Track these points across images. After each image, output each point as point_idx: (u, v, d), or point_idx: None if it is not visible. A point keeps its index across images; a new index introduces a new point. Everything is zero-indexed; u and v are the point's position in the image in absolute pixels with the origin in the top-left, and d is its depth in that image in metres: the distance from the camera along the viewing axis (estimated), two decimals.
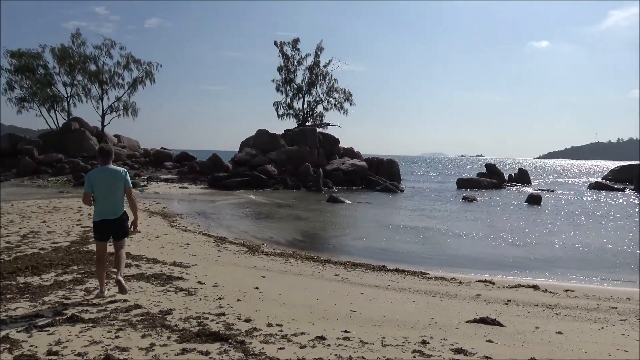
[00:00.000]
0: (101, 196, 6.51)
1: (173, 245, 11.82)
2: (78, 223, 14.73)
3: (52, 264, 8.29)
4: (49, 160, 41.79)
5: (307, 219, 21.01)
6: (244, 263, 10.31)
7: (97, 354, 4.33)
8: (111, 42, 50.52)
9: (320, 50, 49.64)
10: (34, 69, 48.83)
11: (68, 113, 50.64)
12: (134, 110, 51.79)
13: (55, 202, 21.72)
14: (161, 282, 7.43)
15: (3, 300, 6.10)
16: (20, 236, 12.49)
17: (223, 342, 4.79)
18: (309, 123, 49.95)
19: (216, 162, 41.49)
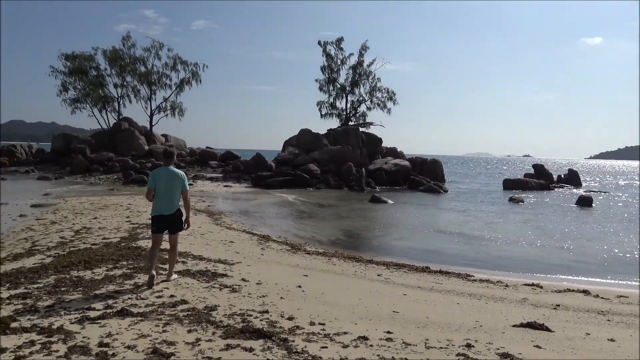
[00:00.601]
0: (160, 193, 7.20)
1: (217, 242, 12.03)
2: (127, 220, 15.20)
3: (103, 259, 8.59)
4: (100, 159, 43.31)
5: (349, 218, 20.98)
6: (286, 261, 10.39)
7: (145, 347, 4.46)
8: (159, 44, 51.98)
9: (364, 50, 49.50)
10: (86, 71, 50.76)
11: (118, 113, 52.41)
12: (180, 110, 53.08)
13: (106, 200, 22.50)
14: (206, 279, 7.58)
15: (58, 292, 6.36)
16: (73, 232, 13.01)
17: (266, 339, 4.85)
18: (351, 122, 49.89)
19: (260, 161, 41.98)
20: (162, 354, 4.30)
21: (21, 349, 4.34)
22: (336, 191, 34.79)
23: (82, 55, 50.57)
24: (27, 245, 11.24)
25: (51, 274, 7.51)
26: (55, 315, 5.36)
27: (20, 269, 8.05)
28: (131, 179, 35.62)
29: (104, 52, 50.86)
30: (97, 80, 50.83)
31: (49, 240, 11.74)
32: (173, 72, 52.20)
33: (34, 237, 12.51)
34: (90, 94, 50.18)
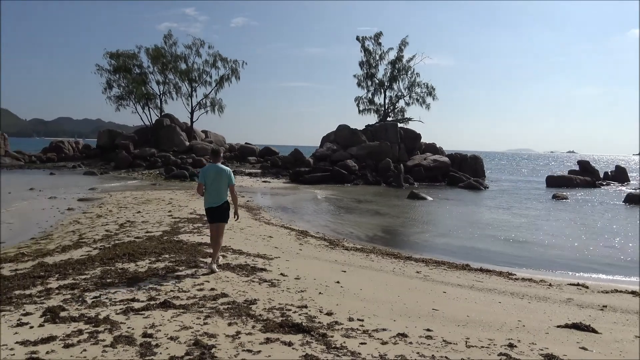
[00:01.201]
0: (210, 188, 7.98)
1: (257, 237, 12.16)
2: (169, 214, 15.54)
3: (146, 252, 8.80)
4: (143, 155, 44.44)
5: (387, 215, 20.84)
6: (324, 257, 10.41)
7: (187, 338, 4.55)
8: (200, 41, 52.84)
9: (404, 45, 48.97)
10: (130, 69, 52.09)
11: (160, 110, 53.58)
12: (220, 107, 53.84)
13: (149, 194, 23.07)
14: (246, 273, 7.67)
15: (104, 283, 6.56)
16: (118, 225, 13.39)
17: (305, 334, 4.87)
18: (390, 118, 49.52)
19: (297, 157, 42.19)
20: (203, 345, 4.37)
21: (70, 337, 4.50)
22: (374, 187, 34.61)
23: (125, 53, 51.94)
24: (75, 237, 11.63)
25: (97, 265, 7.76)
26: (101, 306, 5.53)
27: (68, 260, 8.35)
28: (172, 174, 36.40)
29: (146, 50, 52.11)
30: (140, 78, 52.10)
31: (95, 233, 12.12)
32: (213, 69, 53.03)
33: (81, 229, 12.94)
34: (134, 91, 51.49)
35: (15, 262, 8.56)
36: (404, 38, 49.20)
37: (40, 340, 4.39)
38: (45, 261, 8.39)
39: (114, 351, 4.20)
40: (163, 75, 52.79)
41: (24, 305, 5.56)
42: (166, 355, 4.14)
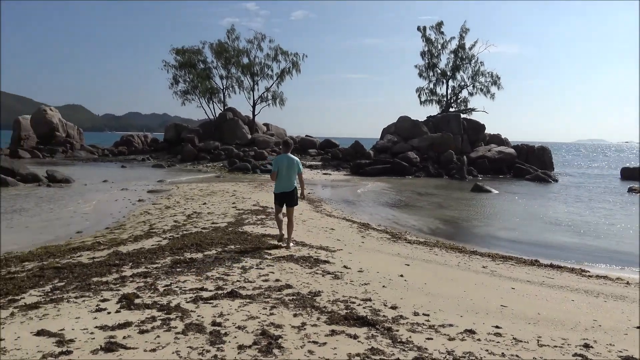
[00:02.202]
0: (281, 175, 9.08)
1: (319, 229, 12.23)
2: (233, 206, 15.91)
3: (213, 243, 9.06)
4: (207, 148, 45.72)
5: (450, 207, 20.41)
6: (387, 250, 10.33)
7: (254, 328, 4.64)
8: (262, 35, 53.61)
9: (464, 32, 47.64)
10: (195, 64, 53.63)
11: (224, 104, 54.89)
12: (281, 100, 54.47)
13: (213, 186, 23.72)
14: (309, 265, 7.74)
15: (174, 272, 6.81)
16: (185, 216, 13.86)
17: (370, 327, 4.85)
18: (452, 109, 48.39)
19: (358, 149, 42.06)
20: (270, 336, 4.44)
21: (144, 323, 4.69)
22: (436, 180, 33.99)
23: (191, 49, 53.50)
24: (146, 227, 12.14)
25: (167, 255, 8.06)
26: (172, 294, 5.73)
27: (140, 249, 8.72)
28: (235, 167, 37.23)
29: (210, 46, 53.45)
30: (204, 73, 53.53)
31: (165, 223, 12.60)
32: (274, 62, 53.68)
33: (151, 220, 13.49)
34: (198, 86, 52.99)
35: (93, 251, 9.03)
36: (463, 24, 47.86)
37: (117, 326, 4.61)
38: (119, 250, 8.80)
39: (185, 338, 4.34)
40: (226, 69, 54.04)
41: (101, 291, 5.85)
42: (235, 344, 4.24)
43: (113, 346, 4.10)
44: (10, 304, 5.43)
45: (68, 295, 5.67)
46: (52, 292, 5.90)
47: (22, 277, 6.79)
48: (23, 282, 6.42)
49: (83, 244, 10.03)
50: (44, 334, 4.37)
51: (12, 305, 5.37)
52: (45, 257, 8.57)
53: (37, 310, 5.11)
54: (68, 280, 6.49)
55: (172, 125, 54.27)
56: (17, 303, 5.44)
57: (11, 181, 23.10)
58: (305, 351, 4.17)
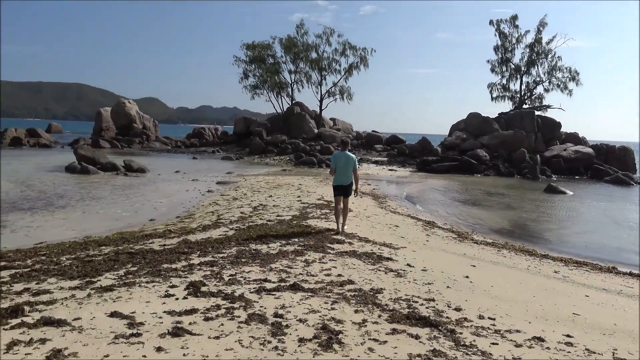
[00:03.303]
0: (339, 170, 10.22)
1: (382, 226, 12.13)
2: (298, 199, 16.08)
3: (277, 235, 9.20)
4: (274, 141, 46.49)
5: (521, 208, 19.64)
6: (453, 250, 10.09)
7: (315, 322, 4.66)
8: (330, 30, 53.71)
9: (542, 26, 45.56)
10: (264, 59, 54.62)
11: (291, 98, 55.60)
12: (349, 95, 54.45)
13: (279, 179, 24.08)
14: (372, 261, 7.69)
15: (239, 263, 6.97)
16: (251, 208, 14.16)
17: (433, 328, 4.75)
18: (526, 105, 46.48)
19: (425, 145, 41.34)
20: (331, 330, 4.45)
21: (209, 311, 4.83)
22: (506, 179, 32.81)
23: (261, 44, 54.51)
24: (214, 218, 12.51)
25: (233, 245, 8.26)
26: (237, 284, 5.87)
27: (208, 239, 9.00)
28: (301, 161, 37.62)
29: (280, 41, 54.20)
30: (273, 68, 54.41)
31: (232, 214, 12.93)
32: (342, 57, 53.68)
33: (219, 211, 13.89)
34: (267, 80, 53.94)
35: (164, 238, 9.41)
36: (542, 18, 45.77)
37: (184, 312, 4.78)
38: (188, 238, 9.12)
39: (248, 328, 4.43)
40: (295, 64, 54.65)
41: (170, 278, 6.09)
42: (295, 337, 4.27)
43: (179, 331, 4.25)
44: (88, 285, 5.75)
45: (140, 280, 5.94)
46: (125, 276, 6.20)
47: (99, 260, 7.18)
48: (100, 266, 6.79)
49: (155, 232, 10.48)
50: (116, 316, 4.60)
51: (89, 286, 5.69)
52: (120, 242, 9.03)
53: (112, 293, 5.38)
54: (140, 265, 6.80)
55: (242, 118, 55.56)
56: (94, 285, 5.76)
57: (92, 169, 24.54)
58: (366, 348, 4.14)
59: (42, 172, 24.33)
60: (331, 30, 53.69)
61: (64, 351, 3.79)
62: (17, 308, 4.67)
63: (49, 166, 27.20)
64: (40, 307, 4.86)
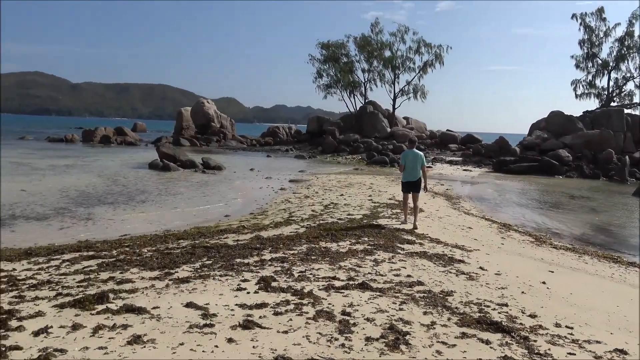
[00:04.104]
0: (408, 167, 10.96)
1: (455, 227, 11.86)
2: (369, 198, 16.05)
3: (347, 234, 9.24)
4: (347, 140, 46.63)
5: (606, 213, 18.49)
6: (529, 254, 9.68)
7: (382, 321, 4.65)
8: (405, 28, 53.15)
9: (635, 18, 42.59)
10: (338, 58, 54.90)
11: (364, 97, 55.59)
12: (422, 93, 53.72)
13: (351, 178, 24.13)
14: (442, 263, 7.55)
15: (309, 260, 7.07)
16: (322, 206, 14.30)
17: (505, 334, 4.59)
18: (614, 103, 43.70)
19: (502, 145, 39.92)
20: (398, 331, 4.42)
21: (279, 306, 4.95)
22: (591, 181, 31.00)
23: (335, 43, 54.85)
24: (286, 215, 12.75)
25: (304, 242, 8.39)
26: (306, 280, 5.97)
27: (279, 235, 9.20)
28: (374, 160, 37.48)
29: (354, 40, 54.29)
30: (347, 67, 54.61)
31: (303, 212, 13.13)
32: (416, 55, 52.96)
33: (291, 208, 14.14)
34: (341, 79, 54.19)
35: (237, 234, 9.71)
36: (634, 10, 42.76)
37: (255, 306, 4.92)
38: (261, 235, 9.37)
39: (315, 324, 4.50)
40: (368, 63, 54.56)
41: (243, 272, 6.29)
42: (362, 335, 4.29)
43: (250, 324, 4.39)
44: (166, 276, 6.06)
45: (214, 273, 6.18)
46: (200, 268, 6.48)
47: (177, 253, 7.54)
48: (177, 258, 7.13)
49: (229, 227, 10.84)
50: (191, 306, 4.81)
51: (167, 277, 6.00)
52: (197, 236, 9.42)
53: (188, 284, 5.64)
54: (215, 259, 7.06)
55: (315, 117, 56.17)
56: (172, 276, 6.06)
57: (172, 166, 25.74)
58: (434, 351, 4.08)
59: (127, 169, 25.83)
60: (406, 28, 53.22)
61: (143, 337, 4.02)
62: (103, 295, 5.01)
63: (134, 163, 28.83)
64: (123, 295, 5.19)
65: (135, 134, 58.14)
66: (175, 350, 3.83)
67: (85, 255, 7.59)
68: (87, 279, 6.02)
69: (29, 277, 6.21)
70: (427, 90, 54.09)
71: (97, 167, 26.48)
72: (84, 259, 7.33)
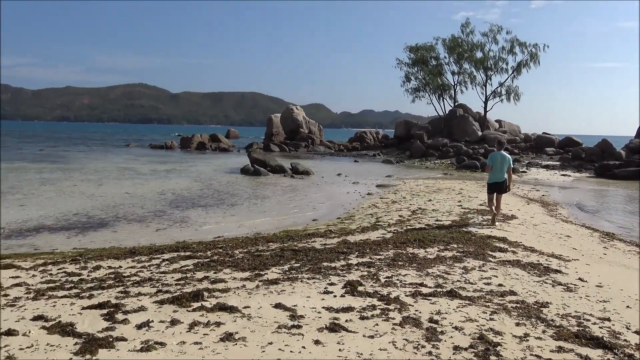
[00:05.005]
0: (495, 169, 11.40)
1: (552, 235, 11.24)
2: (459, 204, 15.62)
3: (435, 240, 9.05)
4: (435, 145, 45.70)
5: None
6: (636, 265, 8.96)
7: (472, 331, 4.51)
8: (497, 27, 51.25)
9: None
10: (427, 61, 54.02)
11: (454, 100, 54.19)
12: (516, 95, 51.54)
13: (440, 183, 23.63)
14: (537, 273, 7.18)
15: (396, 266, 7.02)
16: (410, 211, 14.12)
17: (606, 350, 4.29)
18: None
19: (605, 148, 37.25)
20: (488, 341, 4.27)
21: (365, 310, 4.96)
22: None
23: (424, 46, 54.04)
24: (372, 220, 12.74)
25: (390, 248, 8.34)
26: (392, 286, 5.93)
27: (366, 240, 9.21)
28: (464, 165, 36.42)
29: (443, 42, 53.17)
30: (436, 69, 53.58)
31: (390, 217, 13.05)
32: (510, 55, 50.88)
33: (378, 213, 14.10)
34: (429, 82, 53.25)
35: (325, 238, 9.85)
36: None
37: (341, 309, 4.97)
38: (347, 239, 9.43)
39: (402, 330, 4.46)
40: (458, 65, 53.20)
41: (329, 276, 6.37)
42: (450, 344, 4.19)
43: (336, 327, 4.44)
44: (257, 277, 6.28)
45: (301, 276, 6.31)
46: (289, 271, 6.64)
47: (267, 255, 7.78)
48: (267, 260, 7.36)
49: (317, 231, 11.01)
50: (280, 307, 4.95)
51: (257, 278, 6.21)
52: (285, 240, 9.66)
53: (277, 286, 5.81)
54: (302, 262, 7.21)
55: (402, 121, 55.62)
56: (262, 277, 6.27)
57: (263, 171, 26.60)
58: None
59: (220, 174, 27.06)
60: (499, 27, 51.28)
61: (235, 335, 4.20)
62: (198, 293, 5.29)
63: (227, 168, 30.14)
64: (217, 294, 5.44)
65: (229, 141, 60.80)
66: (264, 349, 3.96)
67: (183, 255, 8.06)
68: (184, 277, 6.38)
69: (133, 275, 6.70)
70: (521, 91, 51.82)
71: (194, 172, 27.97)
72: (181, 258, 7.78)
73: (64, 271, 7.12)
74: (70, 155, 40.75)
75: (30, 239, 11.13)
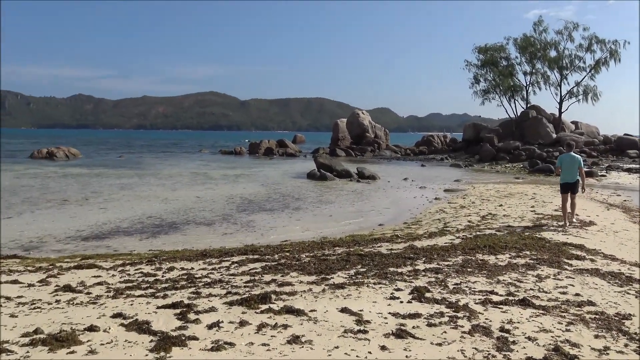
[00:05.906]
0: (565, 169, 11.71)
1: (634, 243, 10.55)
2: (532, 209, 15.01)
3: (507, 246, 8.74)
4: (506, 148, 44.17)
5: None
6: None
7: (546, 342, 4.32)
8: (573, 24, 48.91)
9: None
10: (497, 62, 52.33)
11: (526, 101, 52.16)
12: (594, 95, 48.89)
13: (511, 188, 22.80)
14: (619, 282, 6.76)
15: (465, 272, 6.84)
16: (480, 217, 13.73)
17: None
18: None
19: None
20: (564, 353, 4.07)
21: (432, 317, 4.87)
22: None
23: (493, 46, 52.41)
24: (440, 225, 12.49)
25: (459, 254, 8.14)
26: (461, 293, 5.78)
27: (434, 246, 9.04)
28: (537, 168, 34.93)
29: (514, 41, 51.37)
30: (506, 70, 51.80)
31: (458, 222, 12.74)
32: (587, 53, 48.37)
33: (446, 218, 13.81)
34: (500, 84, 51.56)
35: (391, 243, 9.76)
36: None
37: (408, 315, 4.90)
38: (414, 244, 9.30)
39: (471, 339, 4.34)
40: (531, 65, 51.18)
41: (396, 281, 6.30)
42: (523, 355, 4.03)
43: (403, 333, 4.39)
44: (323, 281, 6.32)
45: (368, 281, 6.29)
46: (355, 275, 6.64)
47: (333, 260, 7.81)
48: (333, 264, 7.39)
49: (383, 236, 10.94)
50: (346, 312, 4.96)
51: (324, 282, 6.25)
52: (351, 244, 9.66)
53: (343, 290, 5.82)
54: (369, 267, 7.18)
55: (471, 124, 54.20)
56: (328, 282, 6.30)
57: (329, 176, 26.76)
58: None
59: (287, 178, 27.50)
60: (574, 24, 48.89)
61: (302, 338, 4.25)
62: (266, 295, 5.39)
63: (293, 173, 30.58)
64: (284, 296, 5.53)
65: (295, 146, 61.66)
66: (330, 352, 3.98)
67: (251, 258, 8.25)
68: (252, 280, 6.53)
69: (204, 276, 6.94)
70: (600, 91, 49.08)
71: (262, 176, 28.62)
72: (250, 261, 7.97)
73: (140, 272, 7.48)
74: (146, 162, 42.89)
75: (107, 241, 11.81)
